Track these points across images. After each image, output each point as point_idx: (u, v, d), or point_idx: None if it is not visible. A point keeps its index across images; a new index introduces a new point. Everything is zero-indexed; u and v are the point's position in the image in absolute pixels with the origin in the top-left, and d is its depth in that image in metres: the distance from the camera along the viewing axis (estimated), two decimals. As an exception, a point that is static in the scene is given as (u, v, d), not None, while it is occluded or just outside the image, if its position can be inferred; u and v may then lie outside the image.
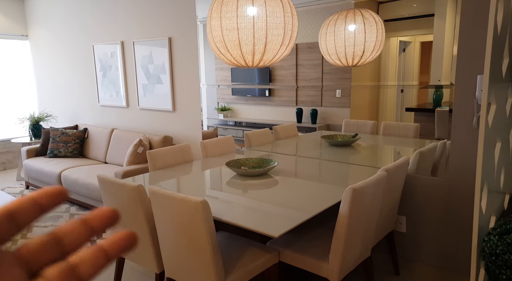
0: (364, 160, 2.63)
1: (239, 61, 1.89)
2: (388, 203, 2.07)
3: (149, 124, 3.94)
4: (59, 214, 3.49)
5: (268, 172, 2.34)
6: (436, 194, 2.25)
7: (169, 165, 2.55)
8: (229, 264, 1.70)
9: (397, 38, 2.45)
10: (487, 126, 1.25)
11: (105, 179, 1.86)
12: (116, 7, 3.98)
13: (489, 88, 1.22)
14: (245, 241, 1.93)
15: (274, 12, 1.77)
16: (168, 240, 1.68)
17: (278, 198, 1.85)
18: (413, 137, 2.46)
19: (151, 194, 1.66)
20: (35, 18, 5.08)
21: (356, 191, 1.60)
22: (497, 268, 0.97)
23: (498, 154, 1.46)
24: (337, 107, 2.79)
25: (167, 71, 3.61)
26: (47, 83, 5.21)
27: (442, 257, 2.29)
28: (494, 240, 1.02)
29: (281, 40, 1.84)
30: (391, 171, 1.95)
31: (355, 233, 1.71)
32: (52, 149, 4.14)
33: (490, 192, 1.37)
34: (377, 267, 2.41)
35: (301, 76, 2.94)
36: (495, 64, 1.24)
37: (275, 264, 1.84)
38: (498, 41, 1.22)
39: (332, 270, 1.70)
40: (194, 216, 1.51)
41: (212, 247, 1.52)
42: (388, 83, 2.54)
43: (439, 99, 2.33)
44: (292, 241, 1.93)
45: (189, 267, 1.64)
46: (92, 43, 4.34)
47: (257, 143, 3.12)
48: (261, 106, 3.25)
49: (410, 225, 2.38)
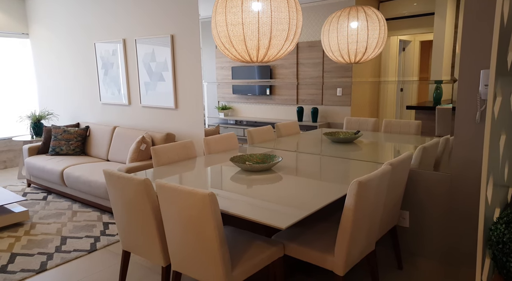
0: (367, 156, 2.64)
1: (244, 56, 1.91)
2: (392, 198, 2.08)
3: (151, 122, 3.94)
4: (62, 211, 3.50)
5: (272, 168, 2.35)
6: (439, 189, 2.26)
7: (172, 161, 2.56)
8: (235, 257, 1.71)
9: (397, 37, 2.47)
10: (493, 118, 1.26)
11: (112, 173, 1.87)
12: (117, 5, 3.99)
13: (495, 81, 1.24)
14: (251, 235, 1.94)
15: (278, 7, 1.78)
16: (175, 234, 1.69)
17: (282, 192, 1.86)
18: (415, 134, 2.48)
19: (158, 187, 1.67)
20: (36, 16, 5.08)
21: (361, 184, 1.61)
22: (504, 255, 0.99)
23: (502, 147, 1.47)
24: (338, 105, 2.80)
25: (169, 69, 3.62)
26: (48, 81, 5.20)
27: (445, 252, 2.30)
28: (501, 229, 1.03)
29: (286, 35, 1.85)
30: (395, 165, 1.96)
31: (360, 226, 1.73)
32: (54, 147, 4.15)
33: (495, 185, 1.39)
34: (380, 261, 2.42)
35: (302, 74, 2.95)
36: (500, 57, 1.26)
37: (280, 257, 1.86)
38: (504, 34, 1.24)
39: (337, 262, 1.71)
40: (201, 209, 1.52)
41: (220, 240, 1.54)
42: (389, 82, 2.56)
43: (439, 97, 2.35)
44: (297, 235, 1.95)
45: (196, 260, 1.65)
46: (94, 41, 4.35)
47: (260, 140, 3.13)
48: (261, 104, 3.26)
49: (413, 220, 2.40)
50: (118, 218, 1.98)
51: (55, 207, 3.59)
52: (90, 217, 3.31)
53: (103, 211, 3.47)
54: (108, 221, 3.23)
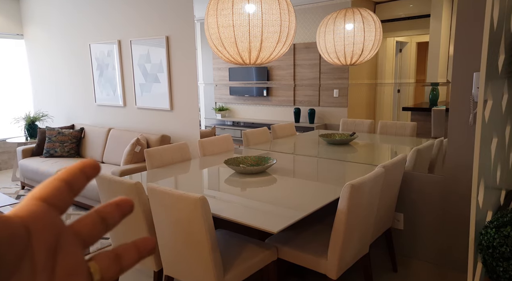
0: (362, 158, 2.64)
1: (236, 58, 1.90)
2: (386, 200, 2.08)
3: (146, 123, 3.93)
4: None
5: (267, 170, 2.34)
6: (433, 191, 2.26)
7: (167, 164, 2.54)
8: (228, 261, 1.70)
9: (393, 38, 2.47)
10: (483, 121, 1.26)
11: (103, 177, 1.86)
12: (112, 6, 3.97)
13: (486, 84, 1.23)
14: (244, 239, 1.93)
15: (270, 9, 1.78)
16: (166, 238, 1.68)
17: (276, 195, 1.85)
18: (410, 136, 2.47)
19: (150, 191, 1.66)
20: (31, 17, 5.05)
21: (354, 187, 1.61)
22: (494, 260, 0.98)
23: (494, 150, 1.47)
24: (335, 106, 2.80)
25: (164, 70, 3.60)
26: (42, 83, 5.18)
27: (439, 254, 2.30)
28: (491, 233, 1.02)
29: (278, 37, 1.84)
30: (388, 167, 1.96)
31: (353, 229, 1.72)
32: (48, 149, 4.12)
33: (487, 188, 1.38)
34: (375, 263, 2.42)
35: (299, 76, 2.95)
36: (491, 60, 1.26)
37: (273, 261, 1.85)
38: (494, 37, 1.23)
39: (330, 266, 1.70)
40: (192, 213, 1.51)
41: (211, 244, 1.52)
42: (385, 83, 2.56)
43: (435, 99, 2.35)
44: (291, 238, 1.94)
45: (188, 264, 1.64)
46: (89, 42, 4.33)
47: (255, 142, 3.12)
48: (259, 106, 3.26)
49: (407, 222, 2.39)
50: (110, 221, 1.96)
51: (49, 210, 3.57)
52: (84, 220, 3.29)
53: (97, 213, 3.45)
54: (102, 223, 3.21)
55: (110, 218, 0.27)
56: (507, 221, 1.05)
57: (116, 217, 0.28)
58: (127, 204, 0.28)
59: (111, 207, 0.28)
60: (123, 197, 0.29)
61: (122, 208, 0.28)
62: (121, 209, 0.28)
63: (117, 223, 0.28)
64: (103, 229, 0.27)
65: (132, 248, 0.28)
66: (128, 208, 0.28)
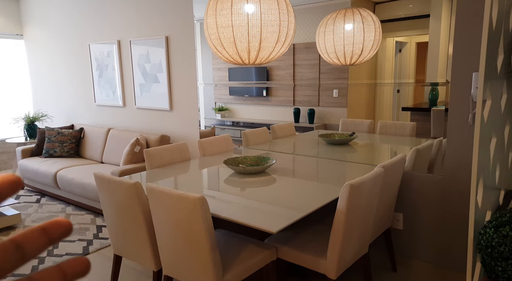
0: (361, 158, 2.64)
1: (235, 58, 1.90)
2: (385, 200, 2.08)
3: (146, 123, 3.93)
4: (55, 214, 3.47)
5: (266, 170, 2.34)
6: (433, 191, 2.26)
7: (166, 164, 2.54)
8: (227, 261, 1.70)
9: (393, 38, 2.47)
10: (482, 121, 1.26)
11: (102, 177, 1.86)
12: (112, 6, 3.97)
13: (484, 84, 1.23)
14: (243, 238, 1.93)
15: (269, 9, 1.78)
16: (166, 238, 1.68)
17: (276, 195, 1.85)
18: (410, 136, 2.47)
19: (149, 191, 1.66)
20: (30, 17, 5.05)
21: (353, 187, 1.61)
22: (493, 260, 0.98)
23: (493, 150, 1.47)
24: (334, 107, 2.80)
25: (164, 70, 3.60)
26: (42, 83, 5.18)
27: (439, 254, 2.30)
28: (490, 233, 1.03)
29: (277, 37, 1.84)
30: (388, 167, 1.96)
31: (352, 229, 1.72)
32: (48, 149, 4.12)
33: (486, 187, 1.38)
34: (374, 263, 2.42)
35: (298, 76, 2.95)
36: (490, 60, 1.26)
37: (273, 261, 1.85)
38: (493, 37, 1.23)
39: (330, 266, 1.70)
40: (192, 213, 1.51)
41: (210, 244, 1.52)
42: (385, 83, 2.56)
43: (435, 99, 2.35)
44: (290, 238, 1.94)
45: (188, 264, 1.64)
46: (88, 42, 4.33)
47: (255, 142, 3.12)
48: (258, 106, 3.26)
49: (407, 222, 2.39)
50: (109, 222, 1.96)
51: (48, 210, 3.57)
52: (83, 220, 3.29)
53: (96, 214, 3.45)
54: (101, 224, 3.21)
55: (29, 246, 0.23)
56: (506, 221, 1.05)
57: (40, 244, 0.23)
58: (58, 228, 0.24)
59: (35, 233, 0.23)
60: (59, 218, 0.25)
61: (50, 234, 0.23)
62: (48, 235, 0.23)
63: (39, 251, 0.23)
64: (19, 260, 0.23)
65: (57, 273, 0.24)
66: (58, 234, 0.24)
